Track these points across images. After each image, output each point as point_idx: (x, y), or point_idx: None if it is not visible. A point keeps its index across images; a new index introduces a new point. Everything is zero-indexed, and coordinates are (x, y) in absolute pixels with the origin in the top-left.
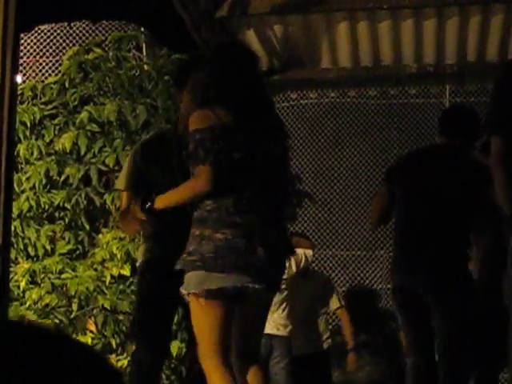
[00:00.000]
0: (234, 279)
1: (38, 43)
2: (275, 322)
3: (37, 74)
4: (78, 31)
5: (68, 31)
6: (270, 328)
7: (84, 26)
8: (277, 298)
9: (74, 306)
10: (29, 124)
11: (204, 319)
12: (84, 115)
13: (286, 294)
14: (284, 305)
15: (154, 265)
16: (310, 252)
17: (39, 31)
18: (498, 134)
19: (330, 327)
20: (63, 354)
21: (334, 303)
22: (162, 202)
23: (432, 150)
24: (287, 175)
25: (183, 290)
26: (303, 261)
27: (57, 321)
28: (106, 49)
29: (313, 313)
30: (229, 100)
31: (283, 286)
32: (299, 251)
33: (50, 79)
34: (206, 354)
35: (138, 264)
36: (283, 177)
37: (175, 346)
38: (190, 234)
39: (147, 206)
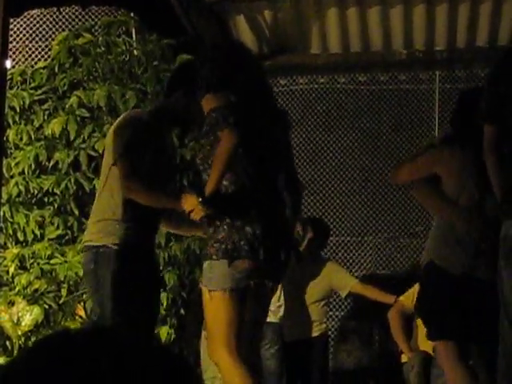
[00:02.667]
0: (255, 273)
1: (27, 28)
2: None
3: (26, 59)
4: (67, 16)
5: (57, 16)
6: None
7: (74, 11)
8: None
9: (64, 292)
10: (18, 109)
11: (224, 312)
12: (73, 100)
13: None
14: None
15: (132, 248)
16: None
17: (29, 16)
18: (491, 122)
19: (332, 312)
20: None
21: (349, 281)
22: (210, 186)
23: None
24: (292, 163)
25: (206, 285)
26: None
27: (46, 306)
28: (96, 34)
29: (307, 298)
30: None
31: None
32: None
33: (40, 64)
34: (223, 347)
35: (109, 244)
36: (289, 164)
37: (164, 332)
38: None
39: (203, 201)
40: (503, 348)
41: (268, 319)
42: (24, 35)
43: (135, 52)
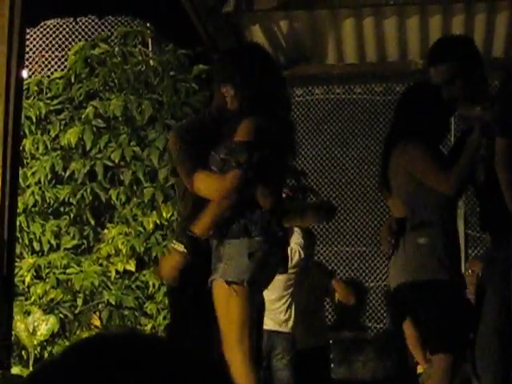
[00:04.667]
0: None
1: (43, 38)
2: (277, 318)
3: (42, 69)
4: (83, 26)
5: (74, 26)
6: (272, 324)
7: (90, 21)
8: (278, 293)
9: (79, 301)
10: (34, 119)
11: (242, 307)
12: (90, 110)
13: (285, 291)
14: (284, 300)
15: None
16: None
17: (45, 26)
18: (504, 135)
19: (330, 323)
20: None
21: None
22: (201, 227)
23: None
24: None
25: (221, 277)
26: (296, 256)
27: (61, 316)
28: (112, 44)
29: (316, 306)
30: (267, 108)
31: (284, 283)
32: (292, 246)
33: (56, 74)
34: (240, 343)
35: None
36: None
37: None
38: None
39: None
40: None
41: (279, 329)
42: (40, 45)
43: (151, 62)
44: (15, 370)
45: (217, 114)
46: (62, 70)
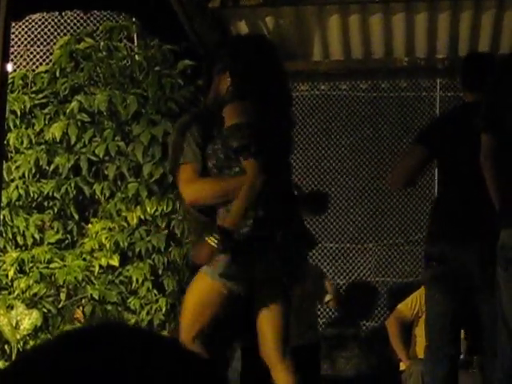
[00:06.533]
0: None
1: (29, 32)
2: None
3: (27, 63)
4: (69, 21)
5: (59, 20)
6: None
7: (75, 15)
8: None
9: (63, 296)
10: (19, 113)
11: (197, 293)
12: (74, 105)
13: None
14: None
15: None
16: None
17: (30, 20)
18: (489, 131)
19: (323, 320)
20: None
21: (327, 297)
22: (231, 221)
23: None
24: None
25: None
26: None
27: (45, 310)
28: (98, 39)
29: (306, 305)
30: (258, 94)
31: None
32: None
33: (41, 68)
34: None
35: None
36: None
37: None
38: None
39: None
40: (502, 360)
41: None
42: (25, 39)
43: (136, 57)
44: None
45: (215, 105)
46: (47, 64)
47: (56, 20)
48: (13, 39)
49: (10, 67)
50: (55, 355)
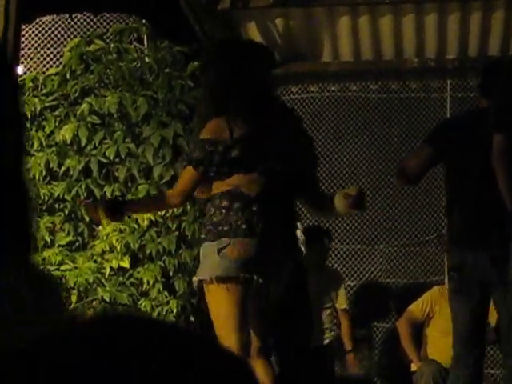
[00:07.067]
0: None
1: (39, 34)
2: None
3: (38, 66)
4: (79, 23)
5: (69, 23)
6: None
7: (85, 17)
8: None
9: (74, 298)
10: (29, 115)
11: (218, 303)
12: (85, 107)
13: None
14: None
15: None
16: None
17: (40, 22)
18: (501, 133)
19: (335, 321)
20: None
21: (341, 303)
22: None
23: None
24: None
25: (196, 276)
26: None
27: None
28: (108, 41)
29: (315, 308)
30: (243, 106)
31: None
32: None
33: (51, 70)
34: (224, 339)
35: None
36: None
37: None
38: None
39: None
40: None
41: None
42: (36, 42)
43: (147, 59)
44: None
45: None
46: (58, 66)
47: (66, 22)
48: (23, 42)
49: (20, 70)
50: (54, 348)
